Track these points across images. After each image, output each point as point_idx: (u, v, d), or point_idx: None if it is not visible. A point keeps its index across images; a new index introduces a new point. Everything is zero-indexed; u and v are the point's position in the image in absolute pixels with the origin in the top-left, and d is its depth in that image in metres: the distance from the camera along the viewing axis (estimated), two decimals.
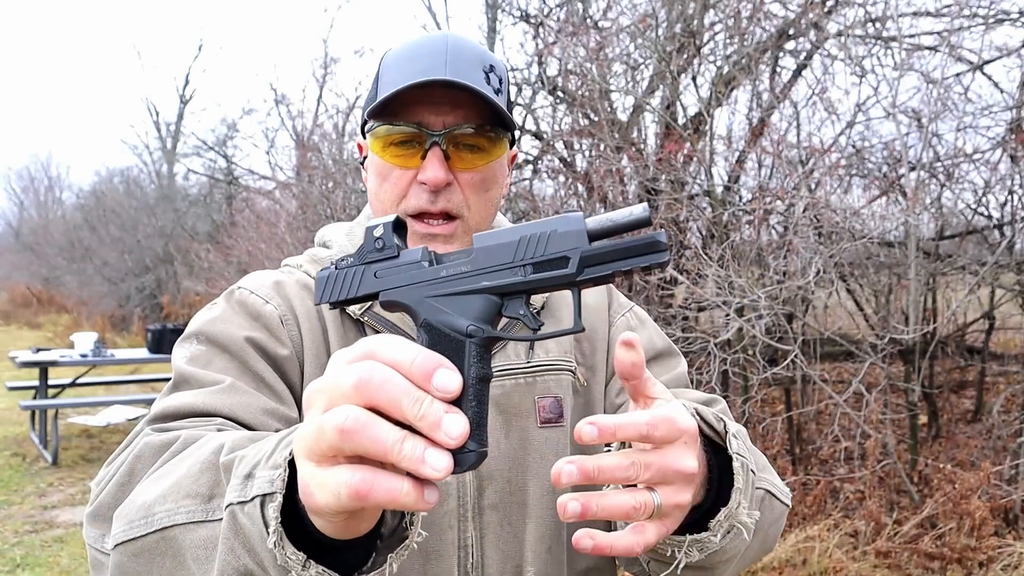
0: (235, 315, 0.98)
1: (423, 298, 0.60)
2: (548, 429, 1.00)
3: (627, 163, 5.67)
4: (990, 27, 5.01)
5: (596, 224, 0.58)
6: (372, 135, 0.99)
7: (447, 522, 0.94)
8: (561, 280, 0.58)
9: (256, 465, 0.60)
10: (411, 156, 0.97)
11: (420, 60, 0.96)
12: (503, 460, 0.98)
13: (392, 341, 0.51)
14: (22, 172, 35.08)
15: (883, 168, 5.70)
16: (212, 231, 14.88)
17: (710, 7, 6.03)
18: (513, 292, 0.59)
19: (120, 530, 0.71)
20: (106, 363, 7.43)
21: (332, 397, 0.50)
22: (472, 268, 0.59)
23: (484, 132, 0.97)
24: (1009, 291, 5.61)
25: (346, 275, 0.65)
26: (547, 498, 0.99)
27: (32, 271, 25.05)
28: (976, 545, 3.94)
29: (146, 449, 0.78)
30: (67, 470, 6.42)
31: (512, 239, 0.59)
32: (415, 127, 0.95)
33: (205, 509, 0.66)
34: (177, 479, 0.69)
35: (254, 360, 0.94)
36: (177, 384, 0.93)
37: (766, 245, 4.88)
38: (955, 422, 5.87)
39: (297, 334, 0.98)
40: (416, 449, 0.48)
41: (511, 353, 1.02)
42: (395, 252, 0.63)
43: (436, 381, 0.49)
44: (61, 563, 4.60)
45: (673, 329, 4.92)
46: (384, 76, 0.99)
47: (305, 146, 10.62)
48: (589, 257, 0.57)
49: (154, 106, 25.14)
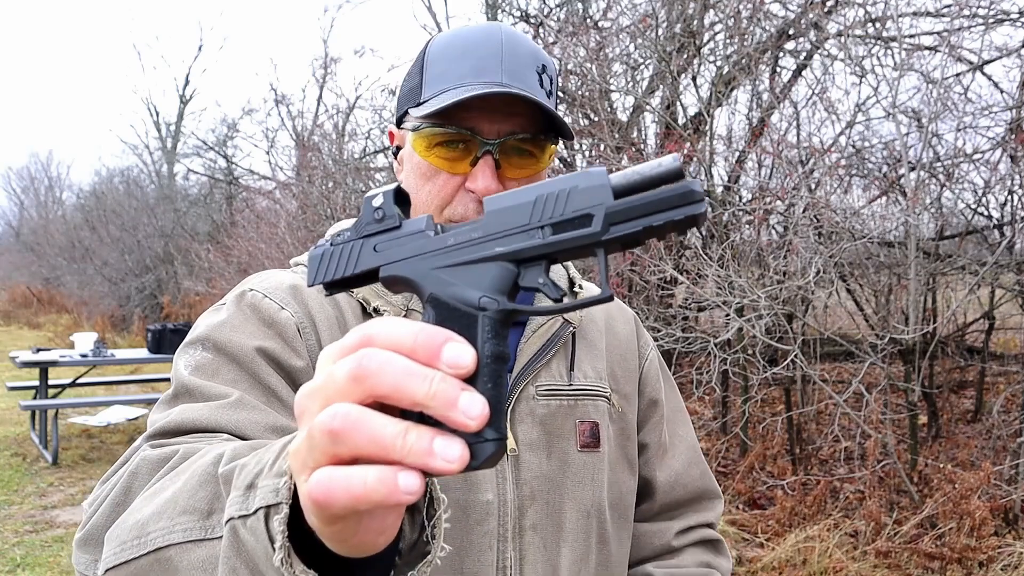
0: (246, 321, 0.90)
1: (429, 270, 0.53)
2: (586, 454, 0.98)
3: (627, 163, 5.68)
4: (990, 27, 5.01)
5: (622, 178, 0.51)
6: (417, 134, 0.92)
7: (487, 543, 0.90)
8: (585, 240, 0.50)
9: (258, 474, 0.53)
10: (459, 160, 0.91)
11: (473, 57, 0.91)
12: (544, 481, 0.95)
13: (389, 321, 0.44)
14: (22, 172, 35.12)
15: (883, 168, 5.70)
16: (212, 231, 14.89)
17: (710, 7, 6.04)
18: (531, 258, 0.51)
19: (111, 553, 0.65)
20: (106, 363, 7.42)
21: (327, 397, 0.43)
22: (484, 233, 0.52)
23: (538, 141, 0.92)
24: (1009, 291, 5.61)
25: (342, 251, 0.57)
26: (582, 522, 0.97)
27: (32, 271, 25.06)
28: (976, 545, 3.94)
29: (143, 465, 0.72)
30: (67, 470, 6.42)
31: (528, 199, 0.52)
32: (468, 133, 0.89)
33: (204, 526, 0.59)
34: (173, 494, 0.63)
35: (266, 373, 0.86)
36: (178, 395, 0.85)
37: (766, 245, 4.88)
38: (955, 422, 5.87)
39: (316, 344, 0.90)
40: (422, 440, 0.41)
41: (555, 374, 0.99)
42: (397, 222, 0.55)
43: (446, 356, 0.42)
44: (61, 563, 4.60)
45: (673, 329, 4.92)
46: (432, 67, 0.93)
47: (305, 146, 10.62)
48: (615, 213, 0.50)
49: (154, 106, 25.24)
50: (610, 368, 1.05)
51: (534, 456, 0.94)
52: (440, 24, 8.60)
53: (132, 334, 14.66)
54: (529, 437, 0.95)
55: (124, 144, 35.66)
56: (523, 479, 0.93)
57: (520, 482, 0.93)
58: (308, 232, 8.48)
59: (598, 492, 0.98)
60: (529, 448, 0.94)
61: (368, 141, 9.92)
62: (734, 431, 5.54)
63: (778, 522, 4.44)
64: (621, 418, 1.05)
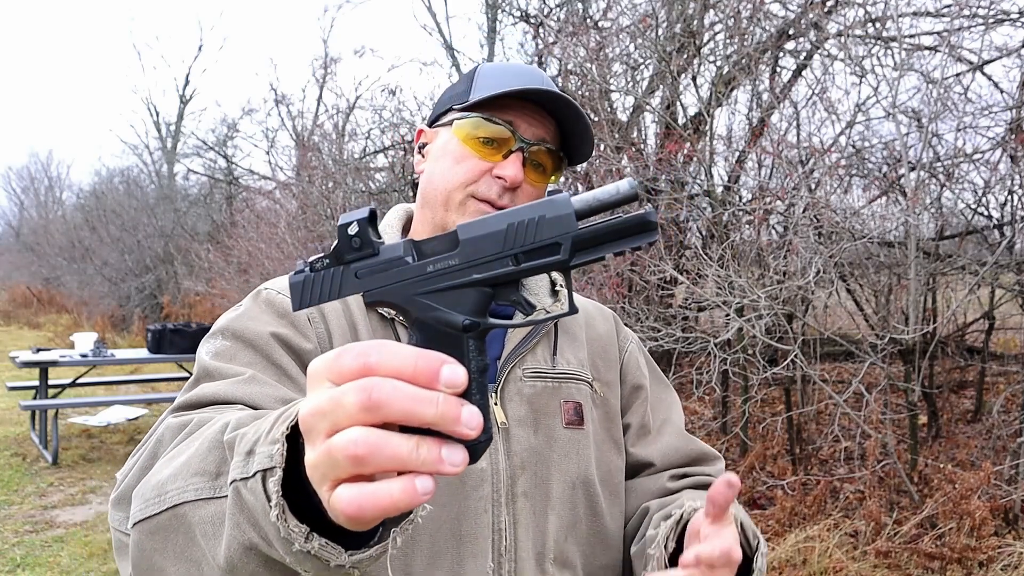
0: (261, 313, 1.01)
1: (412, 296, 0.58)
2: (571, 430, 1.07)
3: (627, 163, 5.68)
4: (990, 27, 5.01)
5: (583, 204, 0.57)
6: (459, 126, 1.05)
7: (483, 507, 0.98)
8: (553, 266, 0.57)
9: (256, 442, 0.61)
10: (493, 152, 1.03)
11: (521, 76, 1.05)
12: (532, 453, 1.03)
13: (386, 349, 0.49)
14: (22, 172, 35.12)
15: (883, 168, 5.70)
16: (212, 231, 14.88)
17: (710, 7, 6.04)
18: (505, 283, 0.58)
19: (137, 509, 0.74)
20: (106, 363, 7.42)
21: (336, 421, 0.49)
22: (461, 261, 0.57)
23: (557, 156, 1.07)
24: (1009, 291, 5.61)
25: (323, 278, 0.61)
26: (567, 492, 1.05)
27: (32, 271, 25.04)
28: (976, 545, 3.94)
29: (166, 432, 0.82)
30: (67, 470, 6.42)
31: (499, 227, 0.57)
32: (509, 127, 1.03)
33: (213, 486, 0.67)
34: (187, 458, 0.71)
35: (278, 354, 0.96)
36: (200, 378, 0.95)
37: (766, 245, 4.88)
38: (955, 422, 5.87)
39: (324, 331, 1.01)
40: (432, 451, 0.48)
41: (540, 359, 1.09)
42: (374, 249, 0.60)
43: (444, 378, 0.48)
44: (61, 563, 4.60)
45: (673, 329, 4.92)
46: (482, 81, 1.06)
47: (305, 146, 10.63)
48: (581, 241, 0.56)
49: (154, 106, 25.22)
50: (591, 359, 1.15)
51: (523, 431, 1.04)
52: (440, 24, 8.60)
53: (132, 334, 14.66)
54: (518, 414, 1.04)
55: (124, 144, 35.57)
56: (513, 450, 1.02)
57: (511, 453, 1.02)
58: (308, 232, 8.48)
59: (584, 465, 1.07)
60: (518, 423, 1.04)
61: (368, 141, 9.91)
62: (734, 431, 5.54)
63: (778, 522, 4.44)
64: (604, 403, 1.14)
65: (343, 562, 0.57)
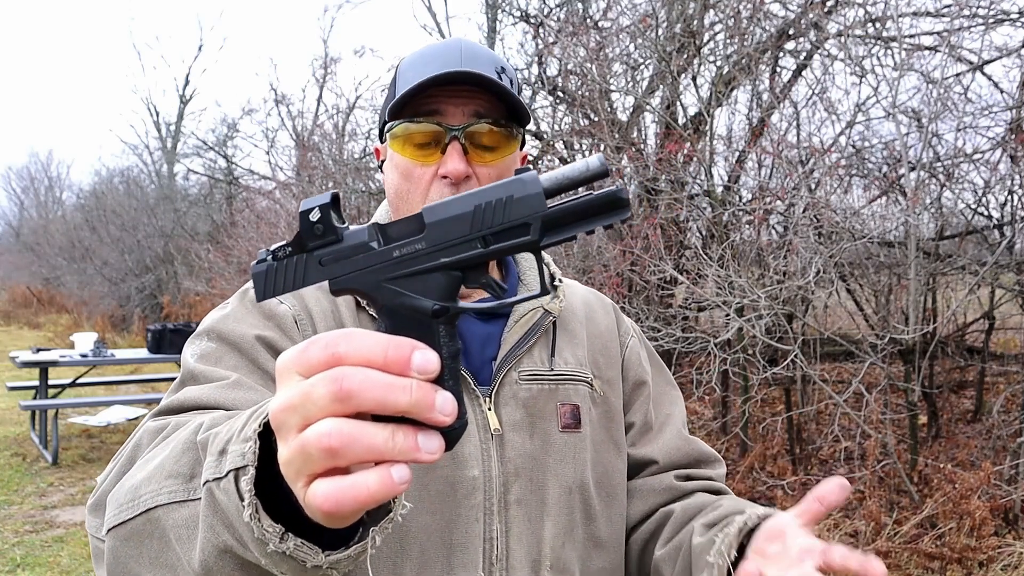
0: (248, 314, 0.99)
1: (379, 282, 0.56)
2: (568, 434, 1.04)
3: (627, 163, 5.68)
4: (990, 27, 5.01)
5: (551, 182, 0.55)
6: (392, 135, 1.01)
7: (474, 516, 0.96)
8: (524, 247, 0.55)
9: (229, 441, 0.59)
10: (431, 153, 0.99)
11: (435, 61, 0.99)
12: (527, 459, 1.01)
13: (354, 338, 0.48)
14: (22, 172, 35.14)
15: (883, 168, 5.70)
16: (212, 231, 14.87)
17: (710, 7, 6.04)
18: (475, 265, 0.56)
19: (112, 515, 0.72)
20: (106, 363, 7.43)
21: (307, 415, 0.47)
22: (428, 245, 0.55)
23: (500, 126, 1.00)
24: (1009, 291, 5.60)
25: (287, 267, 0.58)
26: (564, 498, 1.02)
27: (32, 271, 25.06)
28: (976, 545, 3.94)
29: (145, 436, 0.80)
30: (67, 470, 6.42)
31: (466, 209, 0.55)
32: (434, 123, 0.98)
33: (186, 488, 0.66)
34: (161, 461, 0.69)
35: (264, 358, 0.94)
36: (184, 380, 0.93)
37: (766, 245, 4.88)
38: (955, 422, 5.87)
39: (312, 333, 0.98)
40: (408, 439, 0.47)
41: (537, 360, 1.05)
42: (338, 235, 0.57)
43: (415, 364, 0.47)
44: (61, 563, 4.60)
45: (673, 329, 4.92)
46: (401, 79, 1.02)
47: (305, 146, 10.63)
48: (551, 221, 0.55)
49: (154, 106, 25.21)
50: (591, 356, 1.12)
51: (517, 436, 1.01)
52: (440, 24, 8.61)
53: (132, 334, 14.66)
54: (512, 418, 1.01)
55: (124, 144, 35.51)
56: (507, 457, 0.99)
57: (504, 460, 0.99)
58: None
59: (580, 470, 1.04)
60: (513, 428, 1.01)
61: (368, 141, 9.92)
62: (734, 431, 5.54)
63: None
64: (604, 401, 1.10)
65: (320, 562, 0.55)
